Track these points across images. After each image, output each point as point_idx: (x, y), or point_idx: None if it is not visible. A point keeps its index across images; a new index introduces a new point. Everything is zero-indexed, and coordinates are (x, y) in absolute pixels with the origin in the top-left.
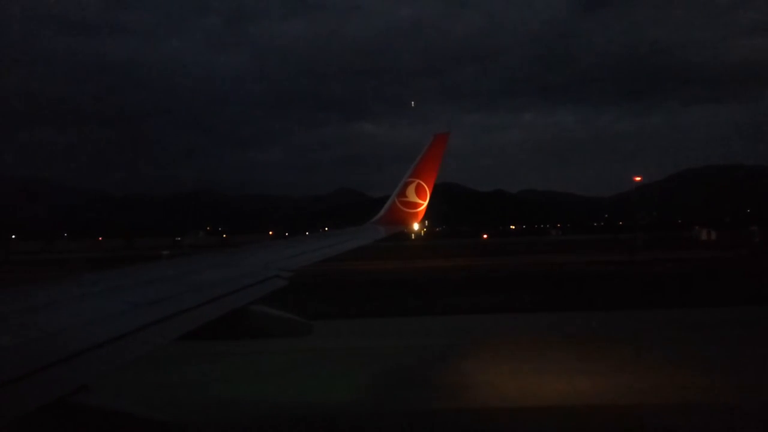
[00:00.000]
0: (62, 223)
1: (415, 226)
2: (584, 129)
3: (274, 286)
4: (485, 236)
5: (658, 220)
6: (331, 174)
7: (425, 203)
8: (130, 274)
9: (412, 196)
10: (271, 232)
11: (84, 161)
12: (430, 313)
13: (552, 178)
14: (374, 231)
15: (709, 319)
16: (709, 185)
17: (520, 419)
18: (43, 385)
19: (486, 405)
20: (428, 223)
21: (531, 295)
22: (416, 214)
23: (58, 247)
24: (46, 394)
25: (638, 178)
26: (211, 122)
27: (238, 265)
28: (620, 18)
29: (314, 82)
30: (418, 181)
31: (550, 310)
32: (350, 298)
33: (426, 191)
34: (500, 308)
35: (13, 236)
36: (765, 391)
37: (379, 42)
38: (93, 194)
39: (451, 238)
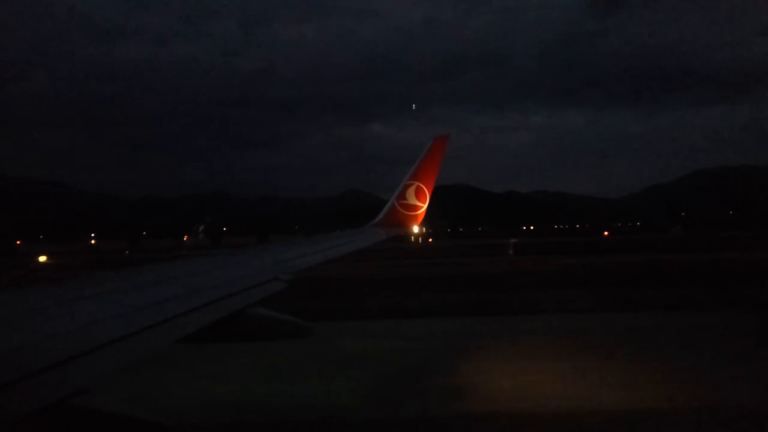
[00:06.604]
0: (75, 225)
1: (415, 229)
2: (594, 131)
3: (273, 289)
4: (606, 233)
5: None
6: (341, 175)
7: (425, 206)
8: (130, 276)
9: (411, 199)
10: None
11: (95, 164)
12: None
13: (562, 179)
14: (374, 234)
15: None
16: (723, 186)
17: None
18: (42, 387)
19: (484, 409)
20: (447, 223)
21: None
22: (416, 216)
23: (143, 246)
24: (46, 396)
25: None
26: (222, 124)
27: (238, 268)
28: (630, 20)
29: (324, 84)
30: (417, 183)
31: None
32: None
33: (426, 194)
34: None
35: (93, 235)
36: None
37: (390, 44)
38: (104, 196)
39: (474, 238)
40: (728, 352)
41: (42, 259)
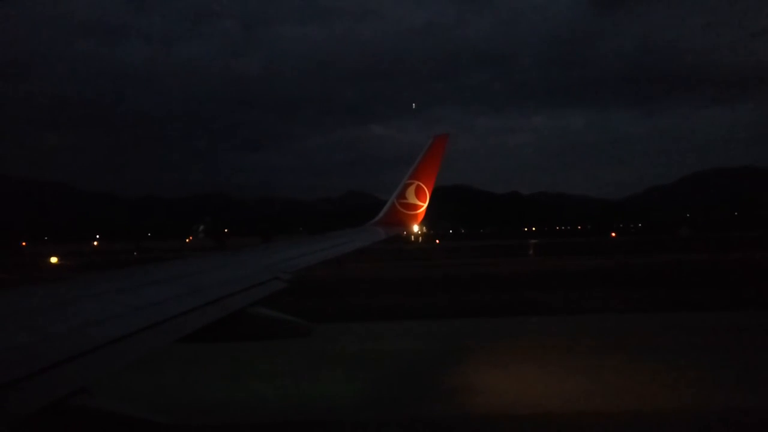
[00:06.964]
0: (74, 225)
1: (415, 228)
2: (595, 132)
3: (273, 288)
4: (613, 234)
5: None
6: (342, 176)
7: (425, 205)
8: (130, 275)
9: (411, 198)
10: None
11: (96, 164)
12: None
13: (563, 180)
14: (373, 233)
15: None
16: (722, 187)
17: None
18: (42, 387)
19: (486, 411)
20: (448, 224)
21: None
22: (416, 215)
23: (146, 247)
24: (46, 395)
25: None
26: (223, 125)
27: (238, 267)
28: (631, 21)
29: (325, 85)
30: (417, 182)
31: None
32: None
33: (426, 193)
34: None
35: (97, 236)
36: None
37: (391, 46)
38: (104, 196)
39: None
40: None
41: (53, 260)
